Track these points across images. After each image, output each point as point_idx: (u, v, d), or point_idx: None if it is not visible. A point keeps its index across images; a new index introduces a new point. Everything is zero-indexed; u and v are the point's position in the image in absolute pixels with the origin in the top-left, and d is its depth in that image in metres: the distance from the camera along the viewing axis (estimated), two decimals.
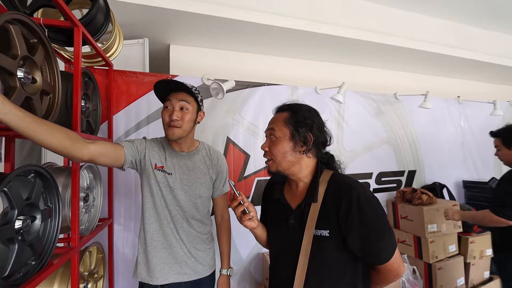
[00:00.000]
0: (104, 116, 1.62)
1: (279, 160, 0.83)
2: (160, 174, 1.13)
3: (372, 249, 0.75)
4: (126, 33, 2.00)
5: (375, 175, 2.49)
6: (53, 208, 0.98)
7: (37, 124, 0.69)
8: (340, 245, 0.77)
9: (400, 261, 0.79)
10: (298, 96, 2.24)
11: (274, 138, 0.84)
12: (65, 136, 0.78)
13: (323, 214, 0.79)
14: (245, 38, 2.39)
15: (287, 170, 0.85)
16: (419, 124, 2.71)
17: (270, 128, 0.87)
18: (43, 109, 0.96)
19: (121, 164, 1.06)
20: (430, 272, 2.03)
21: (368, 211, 0.74)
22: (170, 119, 1.06)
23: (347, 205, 0.75)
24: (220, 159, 1.26)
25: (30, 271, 0.85)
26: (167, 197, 1.13)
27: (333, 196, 0.79)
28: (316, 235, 0.78)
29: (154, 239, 1.13)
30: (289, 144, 0.83)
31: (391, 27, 2.63)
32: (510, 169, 1.62)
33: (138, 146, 1.12)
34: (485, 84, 3.91)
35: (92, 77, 1.43)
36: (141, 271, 1.15)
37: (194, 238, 1.18)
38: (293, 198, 0.89)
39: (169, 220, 1.14)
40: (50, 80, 1.00)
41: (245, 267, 1.96)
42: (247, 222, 0.86)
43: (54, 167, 1.24)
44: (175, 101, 1.07)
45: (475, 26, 3.03)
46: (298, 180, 0.88)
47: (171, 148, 1.18)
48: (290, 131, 0.83)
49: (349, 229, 0.74)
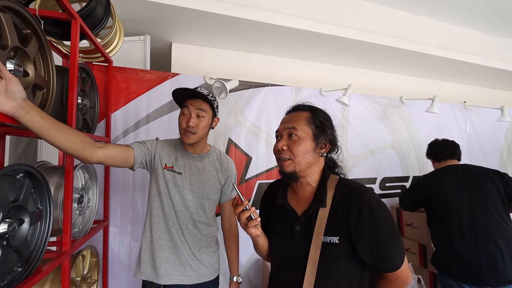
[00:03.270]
0: (102, 114, 1.56)
1: (299, 160, 0.79)
2: (169, 174, 1.15)
3: (383, 256, 0.73)
4: (127, 30, 1.94)
5: (379, 180, 2.43)
6: (44, 210, 0.92)
7: (53, 128, 0.76)
8: (349, 253, 0.74)
9: (409, 269, 0.77)
10: (302, 97, 2.18)
11: (295, 137, 0.80)
12: (78, 141, 0.84)
13: (332, 220, 0.76)
14: (249, 37, 2.34)
15: (303, 172, 0.81)
16: (424, 128, 2.65)
17: (291, 127, 0.82)
18: (36, 104, 0.91)
19: (131, 165, 1.10)
20: (435, 282, 1.97)
21: (379, 216, 0.73)
22: (187, 125, 1.10)
23: (357, 210, 0.72)
24: (230, 165, 1.27)
25: (16, 279, 0.79)
26: (174, 197, 1.14)
27: (343, 201, 0.76)
28: (325, 242, 0.75)
29: (160, 238, 1.14)
30: (312, 145, 0.81)
31: (398, 30, 2.58)
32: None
33: (149, 147, 1.15)
34: (492, 90, 3.86)
35: (90, 73, 1.37)
36: (146, 269, 1.14)
37: (199, 241, 1.17)
38: (298, 204, 0.85)
39: (174, 220, 1.15)
40: (44, 74, 0.94)
41: (244, 273, 1.90)
42: (253, 229, 0.80)
43: (47, 166, 1.18)
44: (192, 108, 1.11)
45: (485, 32, 2.99)
46: (306, 184, 0.84)
47: (183, 149, 1.20)
48: (312, 131, 0.81)
49: (360, 234, 0.72)
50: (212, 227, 1.23)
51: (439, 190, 1.60)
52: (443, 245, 1.58)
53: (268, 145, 2.06)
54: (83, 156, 0.88)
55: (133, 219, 1.66)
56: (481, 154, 2.90)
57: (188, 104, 1.12)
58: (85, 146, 0.87)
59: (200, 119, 1.12)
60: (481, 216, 1.48)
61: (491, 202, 1.50)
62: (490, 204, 1.50)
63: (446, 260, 1.55)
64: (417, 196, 1.72)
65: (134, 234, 1.65)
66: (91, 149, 0.90)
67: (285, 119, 0.86)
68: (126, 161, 1.07)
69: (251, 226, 0.79)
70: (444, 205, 1.57)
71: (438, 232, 1.63)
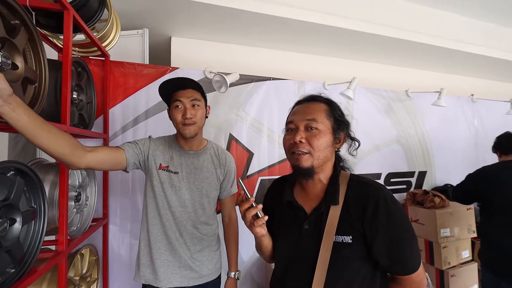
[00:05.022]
0: (100, 109, 1.53)
1: (319, 154, 0.74)
2: (164, 174, 1.10)
3: (399, 256, 0.68)
4: (124, 23, 1.89)
5: (384, 176, 2.38)
6: (38, 209, 0.89)
7: (40, 129, 0.70)
8: (362, 253, 0.70)
9: (424, 273, 0.73)
10: (305, 91, 2.12)
11: (315, 131, 0.74)
12: (65, 143, 0.78)
13: (345, 218, 0.71)
14: (250, 30, 2.28)
15: (319, 168, 0.76)
16: (430, 122, 2.58)
17: (311, 119, 0.75)
18: (27, 99, 0.87)
19: (124, 167, 1.04)
20: (442, 279, 1.93)
21: (396, 214, 0.69)
22: (184, 117, 1.05)
23: (373, 208, 0.68)
24: (229, 160, 1.22)
25: (9, 280, 0.76)
26: (171, 198, 1.10)
27: (357, 198, 0.72)
28: (336, 241, 0.70)
29: (158, 240, 1.10)
30: (331, 139, 0.76)
31: (403, 21, 2.49)
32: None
33: (141, 147, 1.10)
34: (500, 83, 3.76)
35: (86, 67, 1.33)
36: (145, 272, 1.10)
37: (199, 241, 1.13)
38: (307, 201, 0.79)
39: (171, 222, 1.10)
40: (36, 67, 0.90)
41: (246, 271, 1.87)
42: (258, 229, 0.74)
43: (43, 163, 1.15)
44: (185, 100, 1.06)
45: (492, 22, 2.88)
46: (318, 181, 0.78)
47: (179, 146, 1.15)
48: (331, 125, 0.76)
49: (376, 233, 0.68)
50: (212, 226, 1.19)
51: (496, 181, 1.52)
52: (490, 240, 1.52)
53: (270, 141, 2.01)
54: (71, 160, 0.81)
55: (133, 217, 1.63)
56: (489, 148, 2.82)
57: (179, 97, 1.06)
58: (73, 149, 0.80)
59: (196, 108, 1.07)
60: None
61: None
62: None
63: (491, 254, 1.50)
64: (472, 186, 1.63)
65: (134, 232, 1.62)
66: (79, 153, 0.83)
67: (301, 110, 0.79)
68: (118, 164, 1.01)
69: (257, 225, 0.74)
70: (500, 198, 1.49)
71: (487, 225, 1.56)
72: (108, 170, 1.15)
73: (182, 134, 1.08)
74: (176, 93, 1.07)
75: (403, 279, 0.72)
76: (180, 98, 1.06)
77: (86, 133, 1.28)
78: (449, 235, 1.97)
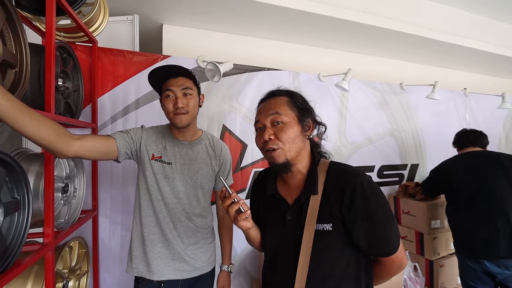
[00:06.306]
0: (88, 98, 1.47)
1: (289, 147, 0.75)
2: (157, 164, 1.07)
3: (378, 240, 0.71)
4: (114, 8, 1.82)
5: (377, 168, 2.40)
6: (22, 200, 0.85)
7: (21, 114, 0.65)
8: (343, 239, 0.72)
9: (404, 253, 0.77)
10: (300, 82, 2.10)
11: (281, 124, 0.76)
12: (50, 130, 0.73)
13: (324, 207, 0.73)
14: (245, 19, 2.22)
15: (295, 159, 0.77)
16: (423, 116, 2.59)
17: (274, 113, 0.76)
18: (7, 84, 0.82)
19: (115, 157, 1.01)
20: (431, 269, 1.97)
21: (373, 199, 0.70)
22: (175, 107, 1.01)
23: (350, 194, 0.70)
24: (224, 151, 1.20)
25: None
26: (164, 190, 1.07)
27: (335, 185, 0.74)
28: (318, 230, 0.72)
29: (151, 233, 1.08)
30: (299, 128, 0.77)
31: (399, 13, 2.47)
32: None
33: (133, 136, 1.06)
34: (492, 78, 3.80)
35: (72, 53, 1.27)
36: (138, 265, 1.08)
37: (194, 233, 1.11)
38: (288, 192, 0.81)
39: (165, 214, 1.08)
40: (16, 51, 0.85)
41: (240, 262, 1.87)
42: (243, 223, 0.77)
43: (27, 153, 1.10)
44: (177, 89, 1.02)
45: (486, 17, 2.89)
46: (297, 172, 0.80)
47: (172, 136, 1.11)
48: (296, 114, 0.77)
49: (354, 219, 0.70)
50: (207, 218, 1.17)
51: (454, 171, 1.69)
52: (453, 225, 1.68)
53: None
54: (57, 148, 0.76)
55: (124, 209, 1.60)
56: None
57: (170, 86, 1.02)
58: (59, 137, 0.75)
59: (188, 97, 1.03)
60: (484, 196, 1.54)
61: (498, 184, 1.53)
62: (497, 185, 1.53)
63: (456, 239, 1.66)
64: (436, 178, 1.81)
65: (125, 224, 1.59)
66: (67, 141, 0.78)
67: (265, 108, 0.80)
68: (109, 153, 0.97)
69: (241, 220, 0.75)
70: (455, 185, 1.65)
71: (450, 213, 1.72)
72: (98, 160, 1.09)
73: (174, 123, 1.04)
74: (167, 82, 1.03)
75: (384, 260, 0.75)
76: (171, 87, 1.02)
77: (73, 122, 1.23)
78: (439, 227, 2.01)
